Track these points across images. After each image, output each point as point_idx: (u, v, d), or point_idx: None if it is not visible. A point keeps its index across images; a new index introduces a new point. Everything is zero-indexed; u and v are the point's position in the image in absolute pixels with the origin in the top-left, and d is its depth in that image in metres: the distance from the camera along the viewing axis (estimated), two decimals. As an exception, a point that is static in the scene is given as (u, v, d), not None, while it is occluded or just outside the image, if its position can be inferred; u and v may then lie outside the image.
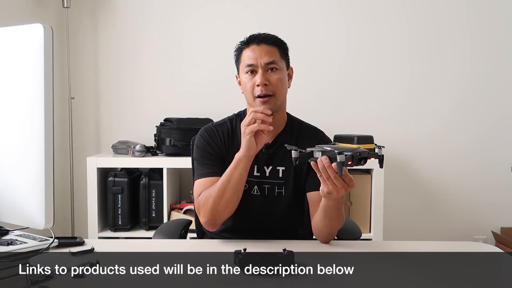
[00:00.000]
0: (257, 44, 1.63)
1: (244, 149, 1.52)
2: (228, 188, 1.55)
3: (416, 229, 3.18)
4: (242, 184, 1.57)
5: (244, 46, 1.65)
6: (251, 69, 1.61)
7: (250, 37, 1.65)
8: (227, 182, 1.55)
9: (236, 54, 1.69)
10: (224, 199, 1.55)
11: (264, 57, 1.61)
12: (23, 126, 1.04)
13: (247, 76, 1.62)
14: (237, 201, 1.58)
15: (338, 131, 2.91)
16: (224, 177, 1.56)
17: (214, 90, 3.11)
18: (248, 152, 1.52)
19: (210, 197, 1.57)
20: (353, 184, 1.39)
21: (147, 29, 3.15)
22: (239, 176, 1.54)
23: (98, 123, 3.20)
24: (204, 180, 1.64)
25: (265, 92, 1.59)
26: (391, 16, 3.13)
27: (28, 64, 1.02)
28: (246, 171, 1.56)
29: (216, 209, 1.57)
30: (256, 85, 1.60)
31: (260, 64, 1.60)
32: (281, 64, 1.64)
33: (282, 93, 1.64)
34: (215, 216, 1.58)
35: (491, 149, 3.17)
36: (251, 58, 1.61)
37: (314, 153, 1.37)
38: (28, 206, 1.04)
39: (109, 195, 2.82)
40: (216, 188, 1.56)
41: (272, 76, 1.61)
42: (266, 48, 1.62)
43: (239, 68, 1.68)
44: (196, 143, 1.72)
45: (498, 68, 3.14)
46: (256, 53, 1.61)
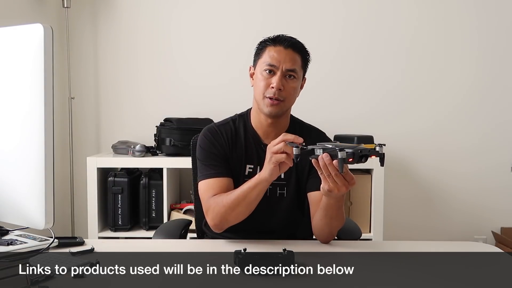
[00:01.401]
0: (285, 47, 1.62)
1: (267, 174, 1.49)
2: (242, 204, 1.54)
3: (416, 229, 3.18)
4: (256, 203, 1.55)
5: (270, 44, 1.64)
6: (271, 68, 1.60)
7: (279, 37, 1.64)
8: (243, 199, 1.53)
9: (259, 47, 1.67)
10: (236, 212, 1.55)
11: (288, 62, 1.60)
12: (23, 126, 1.04)
13: (264, 74, 1.61)
14: (248, 214, 1.57)
15: (338, 131, 2.91)
16: (240, 192, 1.54)
17: (214, 90, 3.11)
18: (271, 178, 1.50)
19: (222, 206, 1.56)
20: (354, 182, 1.39)
21: (147, 29, 3.15)
22: (255, 196, 1.53)
23: (98, 123, 3.20)
24: (210, 181, 1.63)
25: (278, 96, 1.59)
26: (391, 15, 3.13)
27: (28, 64, 1.02)
28: (263, 192, 1.54)
29: (226, 218, 1.57)
30: (270, 87, 1.59)
31: (281, 68, 1.60)
32: (299, 73, 1.64)
33: (291, 101, 1.65)
34: (223, 222, 1.58)
35: (491, 149, 3.16)
36: (274, 58, 1.61)
37: (315, 150, 1.37)
38: (28, 206, 1.04)
39: (109, 195, 2.82)
40: (229, 200, 1.55)
41: (289, 83, 1.61)
42: (292, 54, 1.62)
43: (257, 62, 1.66)
44: (200, 143, 1.71)
45: (499, 68, 3.14)
46: (282, 56, 1.61)
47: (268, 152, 1.47)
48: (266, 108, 1.62)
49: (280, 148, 1.43)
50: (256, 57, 1.68)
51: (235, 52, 3.03)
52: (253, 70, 1.69)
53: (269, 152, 1.46)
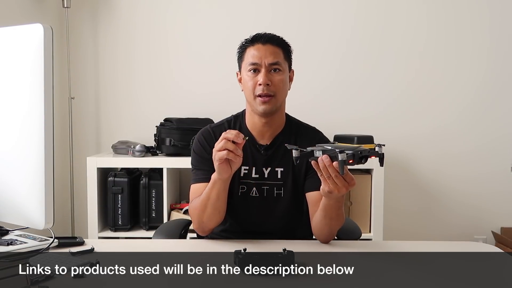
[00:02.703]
0: (263, 44, 1.63)
1: (217, 174, 1.51)
2: (208, 205, 1.57)
3: (416, 229, 3.18)
4: (221, 201, 1.57)
5: (249, 44, 1.65)
6: (254, 67, 1.62)
7: (255, 36, 1.66)
8: (207, 200, 1.56)
9: (239, 51, 1.69)
10: (206, 214, 1.58)
11: (269, 57, 1.61)
12: (23, 126, 1.03)
13: (249, 74, 1.62)
14: (220, 214, 1.59)
15: (338, 131, 2.91)
16: (203, 194, 1.57)
17: (214, 90, 3.11)
18: (221, 176, 1.51)
19: (194, 209, 1.60)
20: (354, 183, 1.39)
21: (147, 29, 3.15)
22: (216, 195, 1.55)
23: (98, 123, 3.20)
24: (198, 186, 1.66)
25: (267, 92, 1.60)
26: (393, 16, 3.13)
27: (28, 64, 1.02)
28: (224, 190, 1.56)
29: (201, 221, 1.60)
30: (258, 84, 1.60)
31: (264, 64, 1.61)
32: (284, 65, 1.64)
33: (282, 95, 1.65)
34: (202, 226, 1.62)
35: (491, 149, 3.16)
36: (255, 57, 1.62)
37: (315, 152, 1.38)
38: (28, 206, 1.04)
39: (109, 195, 2.82)
40: (198, 203, 1.58)
41: (275, 76, 1.61)
42: (271, 48, 1.63)
43: (241, 65, 1.68)
44: (193, 147, 1.73)
45: (500, 71, 3.13)
46: (261, 52, 1.62)
47: (213, 152, 1.47)
48: (260, 107, 1.62)
49: (221, 146, 1.44)
50: (239, 61, 1.70)
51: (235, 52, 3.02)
52: (240, 75, 1.70)
53: (214, 151, 1.47)
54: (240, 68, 1.70)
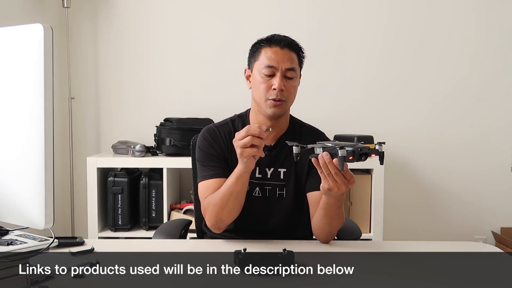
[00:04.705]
0: (281, 48, 1.61)
1: (243, 168, 1.50)
2: (230, 200, 1.55)
3: (416, 229, 3.18)
4: (244, 195, 1.57)
5: (266, 45, 1.63)
6: (271, 71, 1.60)
7: (274, 38, 1.63)
8: (229, 195, 1.54)
9: (254, 50, 1.66)
10: (227, 209, 1.56)
11: (286, 62, 1.60)
12: (23, 126, 1.03)
13: (263, 76, 1.60)
14: (240, 208, 1.58)
15: (338, 131, 2.91)
16: (225, 189, 1.55)
17: (214, 90, 3.11)
18: (248, 169, 1.51)
19: (213, 206, 1.57)
20: (354, 180, 1.39)
21: (147, 29, 3.15)
22: (241, 189, 1.54)
23: (98, 123, 3.20)
24: (208, 182, 1.64)
25: (280, 97, 1.59)
26: (389, 14, 3.13)
27: (28, 64, 1.02)
28: (247, 182, 1.56)
29: (220, 217, 1.58)
30: (272, 88, 1.59)
31: (280, 68, 1.60)
32: (298, 71, 1.65)
33: (292, 100, 1.65)
34: (219, 222, 1.60)
35: (491, 149, 3.16)
36: (273, 60, 1.60)
37: (315, 149, 1.38)
38: (28, 206, 1.04)
39: (109, 195, 2.82)
40: (218, 198, 1.56)
41: (289, 82, 1.61)
42: (289, 53, 1.62)
43: (253, 64, 1.65)
44: (198, 144, 1.72)
45: (500, 68, 3.14)
46: (279, 56, 1.60)
47: (237, 147, 1.46)
48: (269, 110, 1.61)
49: (247, 142, 1.43)
50: (251, 59, 1.67)
51: (236, 52, 3.01)
52: (249, 73, 1.68)
53: (238, 147, 1.46)
54: (250, 66, 1.67)
